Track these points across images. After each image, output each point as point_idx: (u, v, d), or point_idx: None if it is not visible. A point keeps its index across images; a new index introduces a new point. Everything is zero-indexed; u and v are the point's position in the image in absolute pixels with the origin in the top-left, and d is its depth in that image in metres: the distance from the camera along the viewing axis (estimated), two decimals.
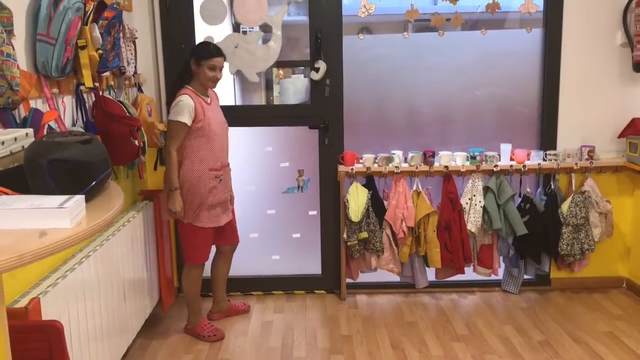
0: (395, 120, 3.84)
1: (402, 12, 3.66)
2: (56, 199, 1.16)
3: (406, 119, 3.84)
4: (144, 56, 3.59)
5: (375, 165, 3.70)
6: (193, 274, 3.30)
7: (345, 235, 3.66)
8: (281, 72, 4.10)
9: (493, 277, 3.80)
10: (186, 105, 3.04)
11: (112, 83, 3.01)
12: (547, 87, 3.74)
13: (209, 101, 3.19)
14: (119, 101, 2.91)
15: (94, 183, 1.29)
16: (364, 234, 3.60)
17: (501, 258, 3.81)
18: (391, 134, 3.84)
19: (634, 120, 3.56)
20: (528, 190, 3.71)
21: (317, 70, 3.64)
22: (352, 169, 3.66)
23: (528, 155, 3.71)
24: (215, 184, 3.16)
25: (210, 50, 3.13)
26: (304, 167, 3.83)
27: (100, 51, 2.52)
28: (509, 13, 3.86)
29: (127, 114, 2.87)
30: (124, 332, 2.91)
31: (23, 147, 1.45)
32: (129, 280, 2.97)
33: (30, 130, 1.51)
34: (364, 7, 3.65)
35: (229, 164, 3.33)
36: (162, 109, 3.66)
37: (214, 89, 3.28)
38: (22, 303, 1.97)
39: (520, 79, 3.79)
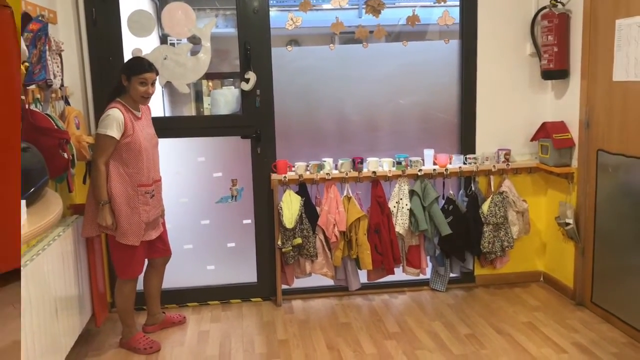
0: (325, 129, 3.96)
1: (328, 25, 3.80)
2: None
3: (335, 127, 3.97)
4: (71, 69, 3.55)
5: (307, 172, 3.80)
6: (125, 288, 3.26)
7: (279, 242, 3.73)
8: (211, 83, 4.14)
9: (421, 276, 3.97)
10: (115, 119, 2.99)
11: (38, 96, 2.96)
12: (465, 94, 3.96)
13: (139, 115, 3.16)
14: (47, 114, 2.87)
15: (33, 189, 1.31)
16: (298, 240, 3.69)
17: (428, 258, 3.99)
18: (321, 142, 3.95)
19: (544, 124, 3.83)
20: (451, 192, 3.91)
21: (247, 81, 3.70)
22: (285, 177, 3.74)
23: (450, 159, 3.91)
24: (146, 199, 3.13)
25: (141, 65, 3.08)
26: (238, 177, 3.87)
27: (26, 64, 2.50)
28: (428, 25, 4.09)
29: (56, 127, 2.83)
30: (56, 350, 2.85)
31: None
32: (61, 297, 2.91)
33: None
34: (291, 19, 3.76)
35: (160, 178, 3.32)
36: (91, 122, 3.62)
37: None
38: None
39: (440, 87, 4.00)
